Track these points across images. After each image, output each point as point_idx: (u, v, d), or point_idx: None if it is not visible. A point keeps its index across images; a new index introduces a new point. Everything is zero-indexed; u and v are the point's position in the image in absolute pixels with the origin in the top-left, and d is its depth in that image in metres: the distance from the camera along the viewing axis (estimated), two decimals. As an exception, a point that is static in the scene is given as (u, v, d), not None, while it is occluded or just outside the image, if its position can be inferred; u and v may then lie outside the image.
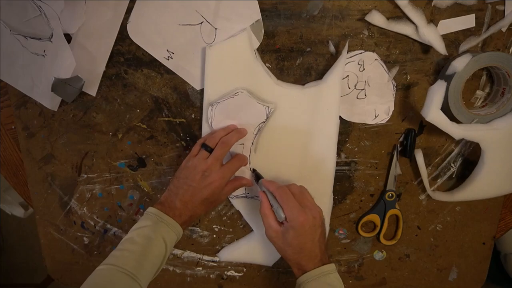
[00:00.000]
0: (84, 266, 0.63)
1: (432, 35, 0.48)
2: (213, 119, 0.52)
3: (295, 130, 0.53)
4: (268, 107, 0.51)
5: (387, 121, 0.53)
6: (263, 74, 0.50)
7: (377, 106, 0.53)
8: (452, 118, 0.49)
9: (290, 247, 0.45)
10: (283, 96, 0.51)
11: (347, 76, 0.51)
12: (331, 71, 0.50)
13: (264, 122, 0.52)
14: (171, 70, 0.52)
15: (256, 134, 0.52)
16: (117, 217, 0.60)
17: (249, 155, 0.53)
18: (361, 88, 0.52)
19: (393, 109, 0.53)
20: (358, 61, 0.50)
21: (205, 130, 0.54)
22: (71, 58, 0.49)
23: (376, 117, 0.53)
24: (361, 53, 0.50)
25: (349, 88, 0.52)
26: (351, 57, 0.50)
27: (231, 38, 0.49)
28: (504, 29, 0.49)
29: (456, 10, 0.48)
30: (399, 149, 0.55)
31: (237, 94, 0.50)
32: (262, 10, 0.48)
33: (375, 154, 0.55)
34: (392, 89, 0.52)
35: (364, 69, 0.51)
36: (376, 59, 0.50)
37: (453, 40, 0.50)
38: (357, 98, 0.52)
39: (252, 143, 0.53)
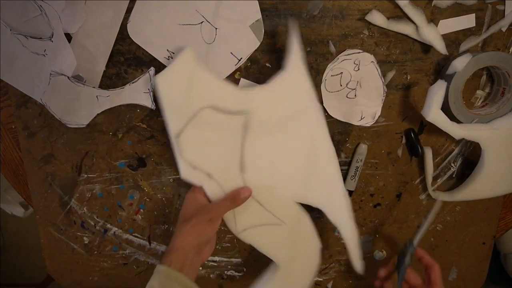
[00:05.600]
0: (84, 266, 0.63)
1: (433, 35, 0.48)
2: (184, 151, 0.47)
3: (278, 131, 0.47)
4: (241, 116, 0.46)
5: (386, 122, 0.53)
6: (221, 84, 0.46)
7: (364, 109, 0.53)
8: (452, 118, 0.49)
9: None
10: (252, 100, 0.47)
11: (341, 73, 0.51)
12: (288, 57, 0.46)
13: (242, 135, 0.47)
14: (171, 70, 0.52)
15: (239, 151, 0.48)
16: (117, 217, 0.60)
17: (237, 177, 0.48)
18: (352, 88, 0.52)
19: (379, 114, 0.53)
20: (355, 60, 0.50)
21: (182, 166, 0.48)
22: (72, 58, 0.49)
23: (361, 119, 0.53)
24: (358, 52, 0.50)
25: (341, 86, 0.52)
26: (348, 54, 0.50)
27: (174, 61, 0.46)
28: (504, 29, 0.49)
29: (456, 10, 0.48)
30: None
31: (200, 112, 0.46)
32: (262, 10, 0.48)
33: (375, 154, 0.55)
34: (382, 95, 0.52)
35: (358, 69, 0.51)
36: (372, 61, 0.50)
37: (453, 40, 0.50)
38: (347, 97, 0.52)
39: (239, 163, 0.48)
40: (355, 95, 0.52)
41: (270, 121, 0.47)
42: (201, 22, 0.49)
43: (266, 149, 0.48)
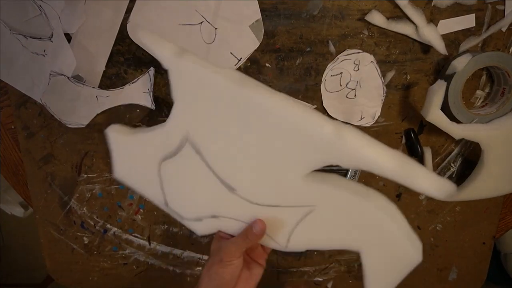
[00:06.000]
0: (84, 266, 0.63)
1: (432, 35, 0.48)
2: (181, 213, 0.46)
3: (221, 126, 0.40)
4: (186, 145, 0.42)
5: (386, 122, 0.53)
6: (151, 135, 0.43)
7: (364, 109, 0.53)
8: (452, 118, 0.49)
9: None
10: (180, 124, 0.42)
11: (341, 73, 0.51)
12: (162, 60, 0.41)
13: (201, 160, 0.42)
14: (171, 70, 0.52)
15: (214, 176, 0.43)
16: (117, 217, 0.60)
17: (230, 202, 0.43)
18: (352, 88, 0.52)
19: (379, 114, 0.53)
20: (354, 60, 0.50)
21: (192, 226, 0.46)
22: (72, 58, 0.49)
23: (361, 119, 0.53)
24: (358, 52, 0.50)
25: (341, 86, 0.52)
26: (347, 55, 0.50)
27: (111, 154, 0.46)
28: (504, 29, 0.49)
29: (456, 10, 0.48)
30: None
31: (160, 173, 0.44)
32: (262, 10, 0.48)
33: (375, 154, 0.55)
34: (381, 95, 0.52)
35: (358, 69, 0.51)
36: (372, 61, 0.50)
37: (453, 40, 0.50)
38: (347, 97, 0.52)
39: (223, 184, 0.42)
40: (355, 95, 0.52)
41: (206, 123, 0.40)
42: (201, 22, 0.49)
43: (230, 152, 0.41)
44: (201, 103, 0.40)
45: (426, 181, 0.34)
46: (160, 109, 0.54)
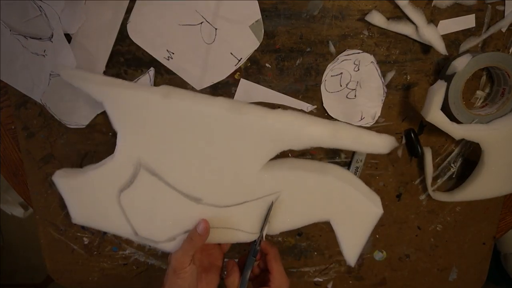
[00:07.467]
0: (84, 266, 0.63)
1: (432, 35, 0.48)
2: (153, 238, 0.46)
3: (171, 142, 0.42)
4: (141, 171, 0.43)
5: (386, 123, 0.53)
6: (100, 170, 0.44)
7: (364, 109, 0.53)
8: (452, 118, 0.49)
9: None
10: (128, 150, 0.43)
11: (341, 73, 0.51)
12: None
13: (159, 179, 0.43)
14: (171, 70, 0.52)
15: (176, 192, 0.44)
16: (117, 217, 0.60)
17: (196, 213, 0.44)
18: (352, 88, 0.52)
19: (379, 115, 0.53)
20: (354, 60, 0.50)
21: (167, 248, 0.47)
22: (72, 58, 0.49)
23: (361, 119, 0.53)
24: (358, 53, 0.50)
25: (341, 86, 0.52)
26: (348, 55, 0.50)
27: (66, 201, 0.47)
28: (504, 29, 0.49)
29: (456, 10, 0.48)
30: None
31: (121, 205, 0.45)
32: (262, 10, 0.48)
33: (375, 155, 0.55)
34: (382, 95, 0.52)
35: (358, 70, 0.51)
36: (372, 61, 0.50)
37: (453, 40, 0.50)
38: (347, 97, 0.52)
39: (187, 198, 0.44)
40: (355, 96, 0.52)
41: (156, 144, 0.42)
42: (201, 23, 0.49)
43: (186, 165, 0.42)
44: (145, 126, 0.41)
45: (373, 140, 0.41)
46: (160, 109, 0.54)
